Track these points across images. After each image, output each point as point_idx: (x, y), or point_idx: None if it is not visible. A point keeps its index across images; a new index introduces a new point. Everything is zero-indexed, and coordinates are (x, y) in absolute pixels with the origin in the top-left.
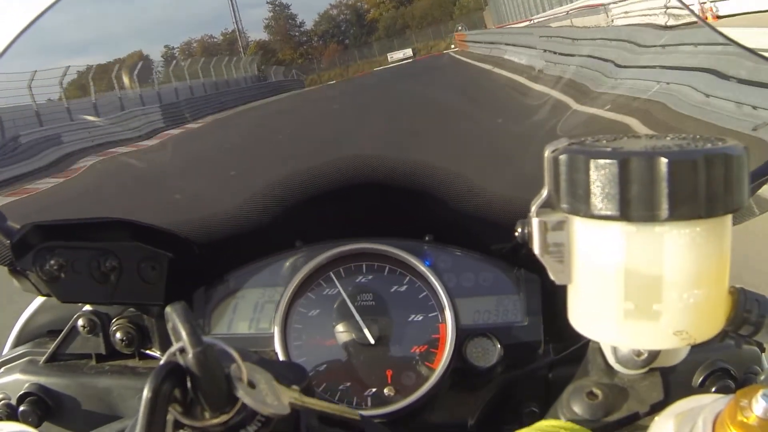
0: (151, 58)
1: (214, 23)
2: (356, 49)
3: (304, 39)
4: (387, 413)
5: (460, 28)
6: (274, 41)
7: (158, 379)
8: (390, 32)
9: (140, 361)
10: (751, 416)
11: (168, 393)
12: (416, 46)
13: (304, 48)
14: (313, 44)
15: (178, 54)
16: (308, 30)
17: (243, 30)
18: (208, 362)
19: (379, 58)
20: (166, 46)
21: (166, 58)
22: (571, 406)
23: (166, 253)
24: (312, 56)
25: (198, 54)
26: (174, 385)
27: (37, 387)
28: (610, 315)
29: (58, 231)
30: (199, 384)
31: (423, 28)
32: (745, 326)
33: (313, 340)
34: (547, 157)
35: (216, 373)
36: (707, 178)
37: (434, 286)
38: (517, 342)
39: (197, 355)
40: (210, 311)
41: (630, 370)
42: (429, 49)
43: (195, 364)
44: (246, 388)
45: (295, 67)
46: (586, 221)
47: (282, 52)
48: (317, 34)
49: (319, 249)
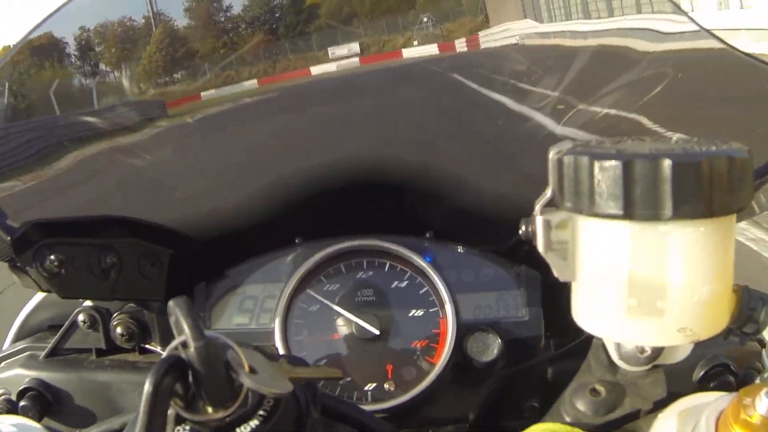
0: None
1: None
2: (289, 41)
3: (230, 26)
4: (387, 408)
5: (425, 20)
6: (189, 28)
7: (159, 372)
8: (332, 21)
9: (141, 356)
10: (755, 415)
11: (169, 387)
12: (364, 40)
13: (229, 37)
14: (240, 32)
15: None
16: (235, 16)
17: (159, 12)
18: (209, 356)
19: (318, 54)
20: (81, 27)
21: (80, 41)
22: (574, 403)
23: (167, 249)
24: (236, 46)
25: (111, 41)
26: (175, 379)
27: (38, 382)
28: (614, 312)
29: (59, 228)
30: (201, 378)
31: (375, 18)
32: (749, 324)
33: (313, 335)
34: (552, 159)
35: (218, 366)
36: (711, 180)
37: (435, 282)
38: (517, 337)
39: (199, 349)
40: (210, 306)
41: (633, 366)
42: (381, 45)
43: (197, 358)
44: (248, 374)
45: (211, 61)
46: (590, 220)
47: (200, 41)
48: (245, 21)
49: (319, 245)
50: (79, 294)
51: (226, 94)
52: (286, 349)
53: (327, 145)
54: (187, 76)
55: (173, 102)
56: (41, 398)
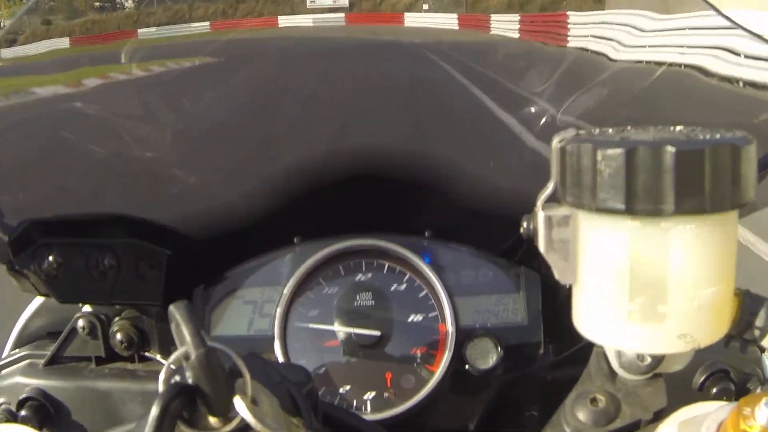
0: None
1: None
2: None
3: None
4: (386, 417)
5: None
6: None
7: (167, 399)
8: None
9: (140, 364)
10: (754, 425)
11: (177, 412)
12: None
13: None
14: None
15: None
16: None
17: None
18: (211, 367)
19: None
20: None
21: None
22: (575, 412)
23: (165, 250)
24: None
25: None
26: (182, 405)
27: (38, 391)
28: (614, 317)
29: (57, 227)
30: (202, 388)
31: None
32: (750, 330)
33: (312, 341)
34: (554, 147)
35: (219, 376)
36: (714, 169)
37: (434, 285)
38: (517, 343)
39: (201, 358)
40: (210, 311)
41: (634, 375)
42: (378, 1)
43: (198, 368)
44: (247, 401)
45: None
46: (591, 216)
47: None
48: None
49: (318, 245)
50: (77, 298)
51: (165, 35)
52: (285, 357)
53: (327, 142)
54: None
55: (99, 36)
56: (41, 408)
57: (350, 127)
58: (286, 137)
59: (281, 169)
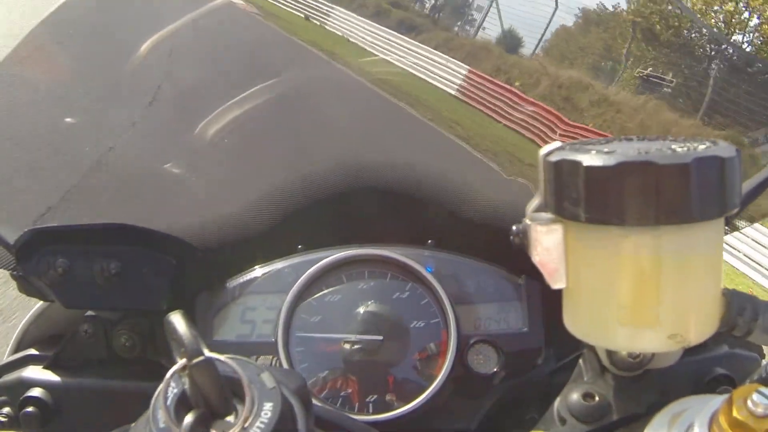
0: None
1: None
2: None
3: None
4: (388, 420)
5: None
6: None
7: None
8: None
9: (142, 367)
10: (747, 415)
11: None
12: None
13: None
14: None
15: None
16: None
17: None
18: (210, 374)
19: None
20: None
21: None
22: (568, 408)
23: (170, 257)
24: None
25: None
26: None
27: (39, 392)
28: (605, 319)
29: (61, 235)
30: (199, 395)
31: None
32: (738, 328)
33: (315, 346)
34: (541, 160)
35: (216, 384)
36: (699, 182)
37: (436, 293)
38: (518, 349)
39: (199, 366)
40: (212, 317)
41: (625, 372)
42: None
43: (196, 377)
44: (244, 407)
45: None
46: (579, 225)
47: None
48: None
49: (321, 255)
50: (83, 304)
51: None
52: (288, 362)
53: (329, 153)
54: None
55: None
56: (43, 409)
57: (354, 142)
58: (294, 151)
59: (285, 180)
